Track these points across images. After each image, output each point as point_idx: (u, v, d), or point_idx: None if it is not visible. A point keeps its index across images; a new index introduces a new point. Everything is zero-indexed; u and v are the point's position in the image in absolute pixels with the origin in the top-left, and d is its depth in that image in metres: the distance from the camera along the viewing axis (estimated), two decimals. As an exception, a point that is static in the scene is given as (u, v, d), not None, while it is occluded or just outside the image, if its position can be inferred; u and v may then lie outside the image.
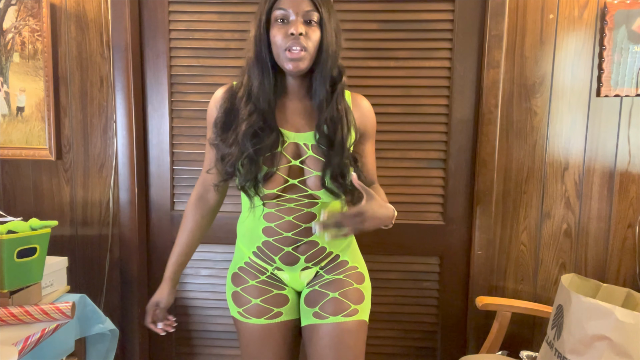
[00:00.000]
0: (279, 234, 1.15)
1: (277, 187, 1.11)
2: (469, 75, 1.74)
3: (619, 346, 1.28)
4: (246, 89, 1.12)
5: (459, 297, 1.85)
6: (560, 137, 1.72)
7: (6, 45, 1.80)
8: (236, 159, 1.09)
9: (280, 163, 1.11)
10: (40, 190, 1.89)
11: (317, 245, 1.18)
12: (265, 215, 1.16)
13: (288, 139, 1.12)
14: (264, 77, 1.09)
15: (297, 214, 1.14)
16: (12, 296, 1.41)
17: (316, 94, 1.11)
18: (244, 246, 1.26)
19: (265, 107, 1.09)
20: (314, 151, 1.12)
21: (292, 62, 1.05)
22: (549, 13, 1.67)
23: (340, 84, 1.12)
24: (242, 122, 1.09)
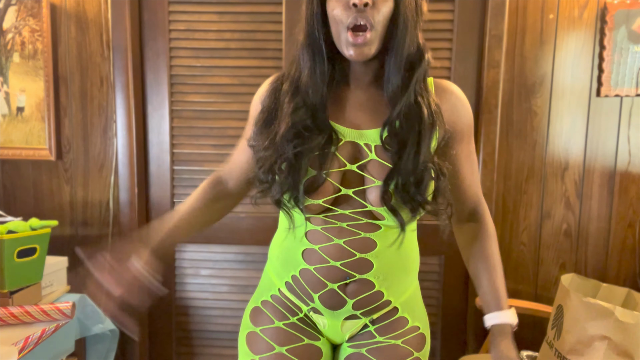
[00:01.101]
0: (323, 262, 0.86)
1: (325, 197, 0.83)
2: (469, 75, 1.74)
3: (619, 346, 1.28)
4: (293, 80, 0.87)
5: (459, 297, 1.85)
6: (560, 137, 1.72)
7: (6, 45, 1.80)
8: (271, 164, 0.83)
9: (331, 167, 0.83)
10: (40, 190, 1.89)
11: (372, 287, 0.88)
12: (309, 233, 0.88)
13: (344, 137, 0.84)
14: (316, 63, 0.83)
15: (350, 238, 0.85)
16: (12, 296, 1.41)
17: (388, 82, 0.82)
18: (275, 273, 0.97)
19: (316, 101, 0.83)
20: (378, 154, 0.83)
21: (354, 48, 0.78)
22: (549, 13, 1.67)
23: (420, 67, 0.82)
24: (284, 120, 0.84)
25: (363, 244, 0.86)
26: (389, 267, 0.88)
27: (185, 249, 1.92)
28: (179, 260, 1.93)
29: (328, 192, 0.83)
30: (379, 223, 0.85)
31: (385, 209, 0.82)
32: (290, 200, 0.84)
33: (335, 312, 0.90)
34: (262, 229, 1.82)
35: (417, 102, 0.82)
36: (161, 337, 1.97)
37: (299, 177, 0.81)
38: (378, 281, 0.88)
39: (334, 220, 0.85)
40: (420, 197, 0.80)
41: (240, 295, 1.90)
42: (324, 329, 0.95)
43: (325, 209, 0.85)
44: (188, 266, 1.92)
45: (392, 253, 0.88)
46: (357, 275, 0.86)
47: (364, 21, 0.77)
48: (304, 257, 0.88)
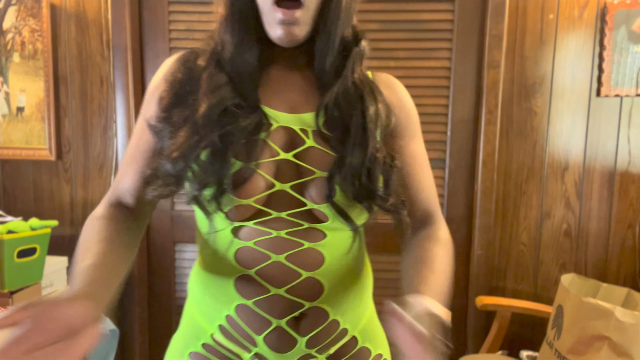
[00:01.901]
0: (263, 292, 0.68)
1: (257, 194, 0.66)
2: (469, 75, 1.74)
3: (619, 346, 1.28)
4: (214, 54, 0.72)
5: (459, 297, 1.85)
6: (560, 137, 1.72)
7: (6, 45, 1.80)
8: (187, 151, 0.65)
9: (261, 156, 0.66)
10: (40, 190, 1.89)
11: (326, 317, 0.71)
12: (240, 253, 0.68)
13: (276, 122, 0.69)
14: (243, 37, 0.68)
15: (292, 251, 0.67)
16: (12, 296, 1.41)
17: (321, 59, 0.70)
18: (203, 315, 0.75)
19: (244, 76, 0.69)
20: (316, 140, 0.68)
21: (283, 27, 0.65)
22: (549, 13, 1.67)
23: (356, 51, 0.72)
24: (205, 97, 0.67)
25: (309, 258, 0.68)
26: (340, 287, 0.71)
27: (185, 249, 1.91)
28: (179, 260, 1.92)
29: (259, 188, 0.66)
30: (322, 228, 0.68)
31: (328, 206, 0.66)
32: (212, 199, 0.65)
33: (285, 355, 0.70)
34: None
35: (356, 84, 0.71)
36: (161, 337, 1.97)
37: (226, 166, 0.64)
38: (332, 308, 0.70)
39: (268, 228, 0.67)
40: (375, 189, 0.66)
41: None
42: None
43: (255, 213, 0.67)
44: (188, 266, 1.92)
45: (343, 270, 0.71)
46: (307, 303, 0.68)
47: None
48: (237, 288, 0.68)
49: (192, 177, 0.65)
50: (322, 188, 0.66)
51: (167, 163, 0.66)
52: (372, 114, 0.69)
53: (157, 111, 0.70)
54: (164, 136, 0.68)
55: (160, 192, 0.67)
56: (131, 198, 0.76)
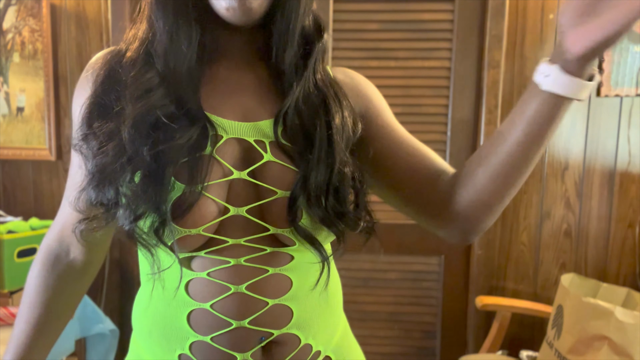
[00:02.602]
0: (223, 326, 0.56)
1: (207, 222, 0.55)
2: (469, 75, 1.74)
3: (619, 346, 1.28)
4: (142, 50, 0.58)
5: (459, 297, 1.85)
6: (560, 137, 1.72)
7: (6, 45, 1.80)
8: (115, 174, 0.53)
9: (210, 177, 0.55)
10: (40, 190, 1.89)
11: (297, 343, 0.60)
12: (192, 285, 0.57)
13: (225, 133, 0.57)
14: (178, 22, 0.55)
15: (255, 280, 0.57)
16: (12, 296, 1.41)
17: (279, 52, 0.59)
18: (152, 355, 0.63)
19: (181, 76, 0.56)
20: (275, 154, 0.58)
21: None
22: (549, 13, 1.67)
23: (319, 43, 0.61)
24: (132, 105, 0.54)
25: (274, 284, 0.58)
26: (310, 309, 0.61)
27: (185, 249, 1.91)
28: (179, 260, 1.92)
29: (209, 215, 0.55)
30: (288, 251, 0.58)
31: (292, 231, 0.56)
32: (151, 232, 0.53)
33: None
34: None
35: (318, 87, 0.61)
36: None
37: (162, 190, 0.52)
38: (303, 332, 0.60)
39: (225, 257, 0.56)
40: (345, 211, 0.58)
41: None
42: None
43: (207, 242, 0.56)
44: (188, 266, 1.92)
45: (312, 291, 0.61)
46: (275, 331, 0.58)
47: None
48: (191, 323, 0.57)
49: (124, 207, 0.53)
50: (284, 210, 0.56)
51: (90, 190, 0.54)
52: (339, 124, 0.58)
53: (79, 125, 0.57)
54: (88, 157, 0.55)
55: (88, 226, 0.57)
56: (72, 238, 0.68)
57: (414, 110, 1.76)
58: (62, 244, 0.70)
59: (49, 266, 0.70)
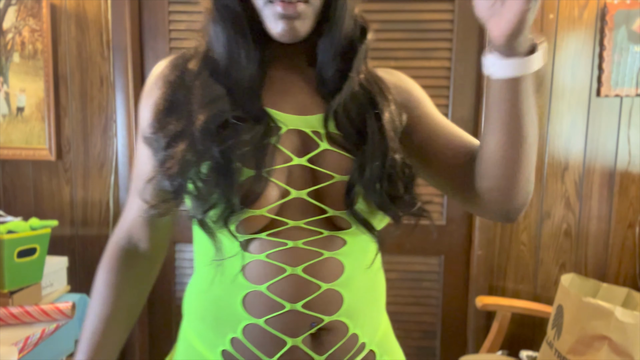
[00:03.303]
0: (276, 308, 0.59)
1: (270, 204, 0.59)
2: (469, 75, 1.74)
3: (619, 346, 1.28)
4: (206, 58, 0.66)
5: (459, 297, 1.85)
6: (560, 137, 1.72)
7: (6, 45, 1.80)
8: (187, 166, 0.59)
9: (273, 163, 0.60)
10: (40, 190, 1.89)
11: (345, 331, 0.63)
12: (248, 268, 0.61)
13: (285, 125, 0.63)
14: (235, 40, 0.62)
15: (310, 262, 0.60)
16: (12, 296, 1.41)
17: (325, 59, 0.65)
18: (202, 340, 0.66)
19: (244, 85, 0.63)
20: (330, 143, 0.63)
21: (283, 22, 0.59)
22: (549, 13, 1.67)
23: (362, 44, 0.67)
24: (201, 110, 0.61)
25: (328, 268, 0.61)
26: (359, 298, 0.64)
27: (185, 249, 1.91)
28: (179, 260, 1.93)
29: (272, 197, 0.60)
30: (342, 235, 0.62)
31: (348, 213, 0.61)
32: (219, 219, 0.58)
33: None
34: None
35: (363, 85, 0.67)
36: (161, 337, 1.97)
37: (232, 183, 0.57)
38: (351, 321, 0.63)
39: (284, 239, 0.60)
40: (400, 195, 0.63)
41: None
42: None
43: (267, 224, 0.60)
44: (188, 266, 1.92)
45: (361, 278, 0.65)
46: (326, 317, 0.60)
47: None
48: (245, 306, 0.60)
49: (196, 196, 0.59)
50: (341, 193, 0.60)
51: (164, 179, 0.60)
52: (388, 117, 0.65)
53: (151, 120, 0.64)
54: (158, 148, 0.62)
55: (158, 210, 0.62)
56: (141, 231, 0.74)
57: (414, 110, 1.76)
58: (131, 240, 0.75)
59: (120, 262, 0.74)
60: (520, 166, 0.61)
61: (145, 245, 0.75)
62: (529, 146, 0.60)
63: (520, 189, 0.63)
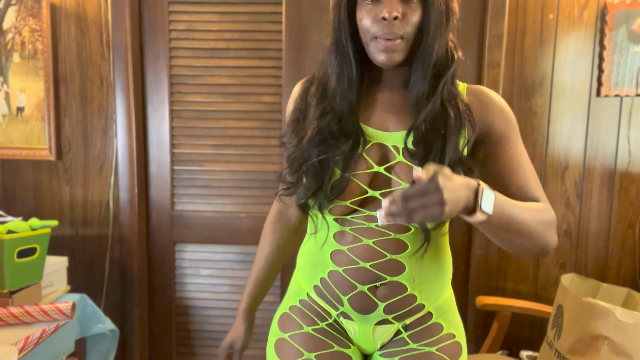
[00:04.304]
0: (352, 263, 0.85)
1: (352, 198, 0.83)
2: (469, 74, 1.74)
3: (619, 346, 1.28)
4: (321, 83, 0.87)
5: (459, 297, 1.84)
6: (560, 137, 1.72)
7: (6, 45, 1.80)
8: (298, 166, 0.85)
9: (358, 168, 0.83)
10: (40, 190, 1.89)
11: (404, 290, 0.86)
12: (337, 234, 0.87)
13: (372, 139, 0.84)
14: (343, 70, 0.83)
15: (380, 238, 0.84)
16: (12, 296, 1.41)
17: (414, 87, 0.83)
18: (304, 278, 0.96)
19: (343, 107, 0.84)
20: (406, 157, 0.83)
21: (384, 54, 0.78)
22: (549, 13, 1.67)
23: (448, 72, 0.83)
24: (311, 124, 0.85)
25: (393, 245, 0.84)
26: (421, 269, 0.86)
27: (185, 249, 1.92)
28: (179, 260, 1.93)
29: (355, 193, 0.83)
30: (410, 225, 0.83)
31: None
32: (315, 205, 0.85)
33: (365, 316, 0.88)
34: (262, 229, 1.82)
35: (444, 105, 0.82)
36: (161, 337, 1.97)
37: (322, 183, 0.82)
38: (410, 284, 0.85)
39: (363, 220, 0.84)
40: None
41: (240, 295, 1.90)
42: (354, 335, 0.92)
43: (352, 210, 0.84)
44: (188, 266, 1.92)
45: (427, 256, 0.86)
46: (388, 277, 0.84)
47: (393, 35, 0.77)
48: (332, 258, 0.87)
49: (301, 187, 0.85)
50: None
51: (287, 172, 0.88)
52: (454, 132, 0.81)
53: (285, 127, 0.92)
54: (287, 147, 0.89)
55: (284, 192, 0.91)
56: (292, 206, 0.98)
57: (414, 110, 1.76)
58: (283, 206, 1.03)
59: (277, 218, 1.06)
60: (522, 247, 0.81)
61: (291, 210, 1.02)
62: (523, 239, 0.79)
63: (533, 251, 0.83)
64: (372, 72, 0.87)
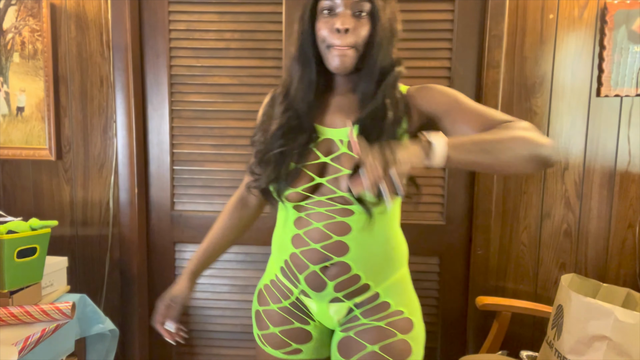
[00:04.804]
0: (306, 245, 0.99)
1: (303, 185, 0.97)
2: (469, 75, 1.74)
3: (619, 346, 1.28)
4: (285, 86, 1.03)
5: (459, 297, 1.85)
6: (560, 137, 1.72)
7: (6, 45, 1.80)
8: (262, 157, 1.00)
9: (308, 160, 0.98)
10: (40, 190, 1.89)
11: (349, 270, 0.98)
12: (296, 220, 1.01)
13: (322, 135, 0.99)
14: (304, 74, 0.98)
15: (327, 221, 0.97)
16: (12, 296, 1.41)
17: (361, 90, 0.97)
18: (274, 260, 1.12)
19: (303, 107, 0.98)
20: (348, 148, 0.97)
21: (337, 60, 0.93)
22: (549, 13, 1.67)
23: (390, 78, 0.96)
24: (275, 120, 1.00)
25: (339, 227, 0.97)
26: (365, 251, 0.98)
27: (185, 249, 1.92)
28: (179, 260, 1.93)
29: (306, 181, 0.97)
30: (351, 208, 0.96)
31: (349, 195, 0.92)
32: (275, 190, 1.00)
33: (319, 294, 1.02)
34: (262, 229, 1.81)
35: (384, 104, 0.95)
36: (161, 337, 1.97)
37: (281, 170, 0.97)
38: (355, 264, 0.98)
39: (314, 206, 0.98)
40: None
41: (240, 295, 1.90)
42: (315, 312, 1.06)
43: (306, 197, 0.98)
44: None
45: (369, 238, 0.98)
46: (335, 257, 0.97)
47: (346, 43, 0.92)
48: (292, 242, 1.01)
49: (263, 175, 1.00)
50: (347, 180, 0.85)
51: (254, 164, 1.04)
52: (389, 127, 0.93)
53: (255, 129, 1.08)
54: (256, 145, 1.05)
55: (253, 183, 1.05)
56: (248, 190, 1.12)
57: (414, 110, 1.76)
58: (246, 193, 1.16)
59: (239, 203, 1.19)
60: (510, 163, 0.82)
61: (252, 198, 1.17)
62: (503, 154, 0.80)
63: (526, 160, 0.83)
64: (327, 79, 1.01)
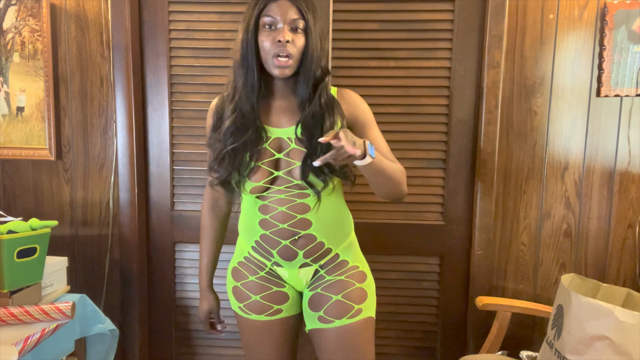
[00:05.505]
0: (275, 226, 1.18)
1: (263, 179, 1.16)
2: (469, 75, 1.74)
3: (619, 346, 1.28)
4: (232, 88, 1.19)
5: (459, 297, 1.85)
6: (560, 137, 1.72)
7: (6, 45, 1.80)
8: (218, 154, 1.17)
9: (263, 157, 1.16)
10: (40, 190, 1.89)
11: (315, 239, 1.19)
12: (260, 207, 1.19)
13: (272, 135, 1.18)
14: (247, 78, 1.15)
15: (290, 205, 1.17)
16: (12, 296, 1.41)
17: (299, 94, 1.17)
18: (244, 240, 1.28)
19: (248, 107, 1.15)
20: (296, 144, 1.16)
21: (278, 69, 1.11)
22: (549, 13, 1.67)
23: (323, 82, 1.17)
24: (226, 120, 1.17)
25: (300, 207, 1.17)
26: (324, 222, 1.20)
27: (185, 249, 1.92)
28: (179, 260, 1.93)
29: (265, 175, 1.17)
30: (306, 192, 1.17)
31: (303, 182, 1.14)
32: (237, 184, 1.18)
33: (290, 262, 1.22)
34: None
35: (321, 105, 1.15)
36: (161, 337, 1.97)
37: (236, 164, 1.15)
38: (318, 234, 1.19)
39: (275, 194, 1.18)
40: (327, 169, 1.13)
41: (240, 295, 1.90)
42: (286, 278, 1.26)
43: (267, 188, 1.18)
44: (188, 266, 1.92)
45: (325, 212, 1.19)
46: (302, 231, 1.18)
47: (286, 53, 1.10)
48: (260, 225, 1.20)
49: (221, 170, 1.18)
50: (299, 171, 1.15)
51: (212, 164, 1.20)
52: (330, 124, 1.15)
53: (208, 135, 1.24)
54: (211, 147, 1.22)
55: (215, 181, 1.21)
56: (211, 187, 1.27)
57: (414, 110, 1.76)
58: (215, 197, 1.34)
59: (212, 206, 1.36)
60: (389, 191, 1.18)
61: (223, 202, 1.36)
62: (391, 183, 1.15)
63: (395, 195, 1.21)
64: (268, 83, 1.19)
